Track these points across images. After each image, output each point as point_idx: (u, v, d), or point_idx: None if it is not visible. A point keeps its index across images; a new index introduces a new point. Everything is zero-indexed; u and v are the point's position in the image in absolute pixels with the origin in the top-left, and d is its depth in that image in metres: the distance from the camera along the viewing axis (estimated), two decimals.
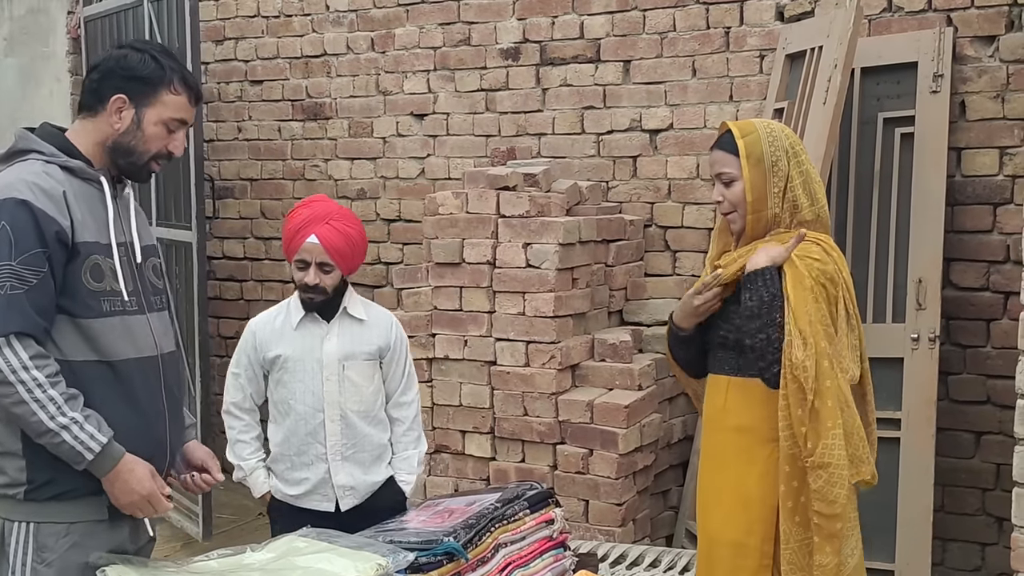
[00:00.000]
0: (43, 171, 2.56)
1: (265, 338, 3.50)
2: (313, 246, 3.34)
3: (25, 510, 2.57)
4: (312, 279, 3.36)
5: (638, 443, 4.71)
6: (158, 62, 2.67)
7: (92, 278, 2.58)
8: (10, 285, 2.45)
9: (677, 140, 5.46)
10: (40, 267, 2.48)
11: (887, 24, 4.92)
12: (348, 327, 3.49)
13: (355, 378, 3.47)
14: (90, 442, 2.50)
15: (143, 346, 2.69)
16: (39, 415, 2.46)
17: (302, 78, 6.56)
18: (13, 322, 2.45)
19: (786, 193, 3.02)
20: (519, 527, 3.30)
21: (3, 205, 2.48)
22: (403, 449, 3.61)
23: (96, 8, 6.61)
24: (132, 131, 2.65)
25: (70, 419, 2.48)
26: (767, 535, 2.96)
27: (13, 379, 2.44)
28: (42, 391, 2.46)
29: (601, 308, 5.16)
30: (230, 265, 6.92)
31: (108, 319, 2.60)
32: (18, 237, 2.47)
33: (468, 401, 4.92)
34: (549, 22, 5.74)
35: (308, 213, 3.39)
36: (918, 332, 4.56)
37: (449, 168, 6.08)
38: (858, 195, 4.82)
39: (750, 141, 3.02)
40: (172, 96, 2.68)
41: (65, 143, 2.65)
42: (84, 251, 2.57)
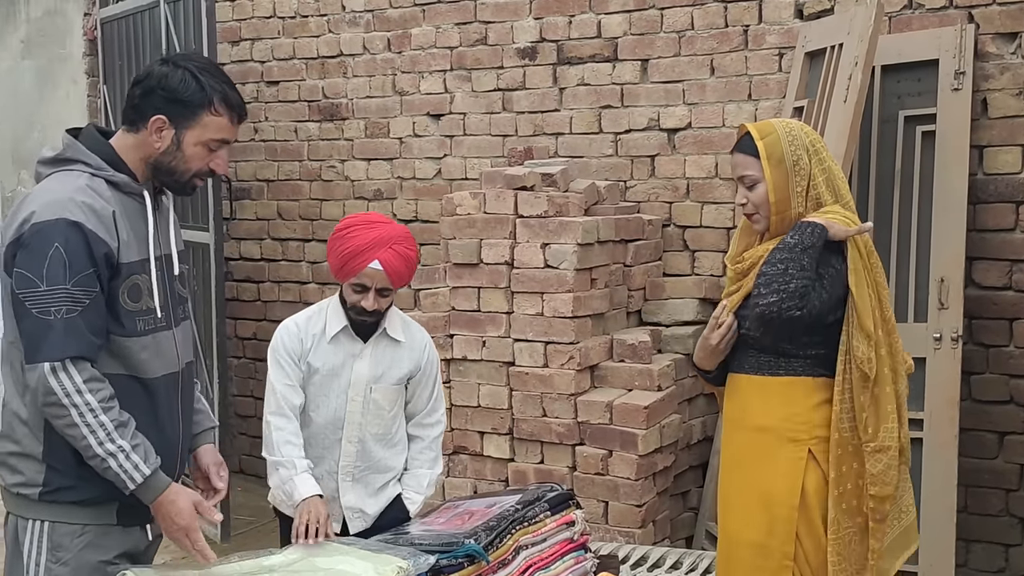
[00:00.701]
0: (91, 187, 2.57)
1: (307, 340, 3.34)
2: (376, 272, 3.19)
3: (40, 509, 2.61)
4: (371, 305, 3.22)
5: (658, 444, 4.68)
6: (199, 82, 2.62)
7: (130, 298, 2.61)
8: (66, 308, 2.48)
9: (695, 139, 5.43)
10: (92, 287, 2.51)
11: (907, 21, 4.88)
12: (383, 349, 3.37)
13: (380, 401, 3.36)
14: (134, 472, 2.53)
15: (169, 362, 2.73)
16: (89, 439, 2.49)
17: (318, 79, 6.55)
18: (70, 346, 2.47)
19: (809, 191, 3.00)
20: (540, 529, 3.29)
21: (56, 226, 2.49)
22: (417, 467, 3.49)
23: (113, 10, 6.61)
24: (172, 151, 2.65)
25: (118, 447, 2.51)
26: (788, 536, 2.94)
27: (67, 402, 2.47)
28: (94, 416, 2.49)
29: (620, 308, 5.14)
30: (247, 266, 6.92)
31: (141, 338, 2.64)
32: (72, 259, 2.48)
33: (486, 402, 4.90)
34: (566, 21, 5.72)
35: (373, 237, 3.20)
36: (940, 332, 4.52)
37: (466, 168, 6.06)
38: (879, 194, 4.78)
39: (770, 142, 3.00)
40: (213, 118, 2.64)
41: (111, 154, 2.65)
42: (125, 271, 2.60)
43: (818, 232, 2.93)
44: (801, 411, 2.98)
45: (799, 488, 2.94)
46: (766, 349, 3.02)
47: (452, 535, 3.12)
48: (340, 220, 3.43)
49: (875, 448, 2.96)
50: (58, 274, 2.47)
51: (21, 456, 2.60)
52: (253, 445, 6.70)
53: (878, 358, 2.95)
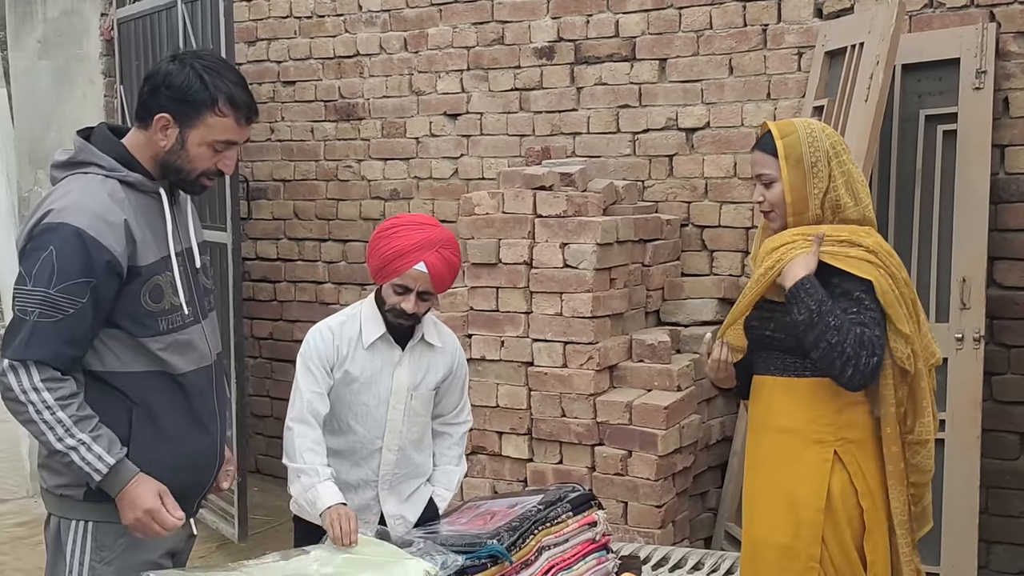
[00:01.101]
0: (105, 193, 2.55)
1: (343, 347, 3.24)
2: (420, 274, 3.09)
3: (84, 510, 2.61)
4: (411, 307, 3.13)
5: (677, 444, 4.67)
6: (203, 82, 2.59)
7: (151, 299, 2.60)
8: (40, 312, 2.46)
9: (714, 139, 5.41)
10: (79, 297, 2.47)
11: (928, 20, 4.86)
12: (420, 355, 3.30)
13: (419, 408, 3.31)
14: (97, 463, 2.51)
15: (200, 356, 2.73)
16: (48, 435, 2.49)
17: (335, 78, 6.55)
18: (31, 350, 2.46)
19: (827, 194, 2.98)
20: (562, 529, 3.29)
21: (57, 230, 2.48)
22: (446, 463, 3.45)
23: (130, 10, 6.61)
24: (176, 150, 2.62)
25: (78, 441, 2.49)
26: (814, 538, 2.92)
27: (24, 399, 2.47)
28: (50, 413, 2.48)
29: (638, 308, 5.13)
30: (263, 266, 6.92)
31: (164, 337, 2.63)
32: (62, 265, 2.46)
33: (505, 402, 4.90)
34: (584, 21, 5.71)
35: (420, 238, 3.11)
36: (962, 332, 4.50)
37: (483, 168, 6.06)
38: (900, 194, 4.76)
39: (789, 142, 2.98)
40: (217, 118, 2.61)
41: (124, 154, 2.63)
42: (146, 273, 2.58)
43: (806, 287, 2.89)
44: (827, 412, 2.96)
45: (825, 490, 2.92)
46: (792, 351, 3.01)
47: (475, 536, 3.11)
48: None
49: (913, 440, 3.01)
50: (43, 277, 2.46)
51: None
52: (269, 445, 6.71)
53: (914, 354, 2.94)
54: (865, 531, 2.96)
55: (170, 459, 2.63)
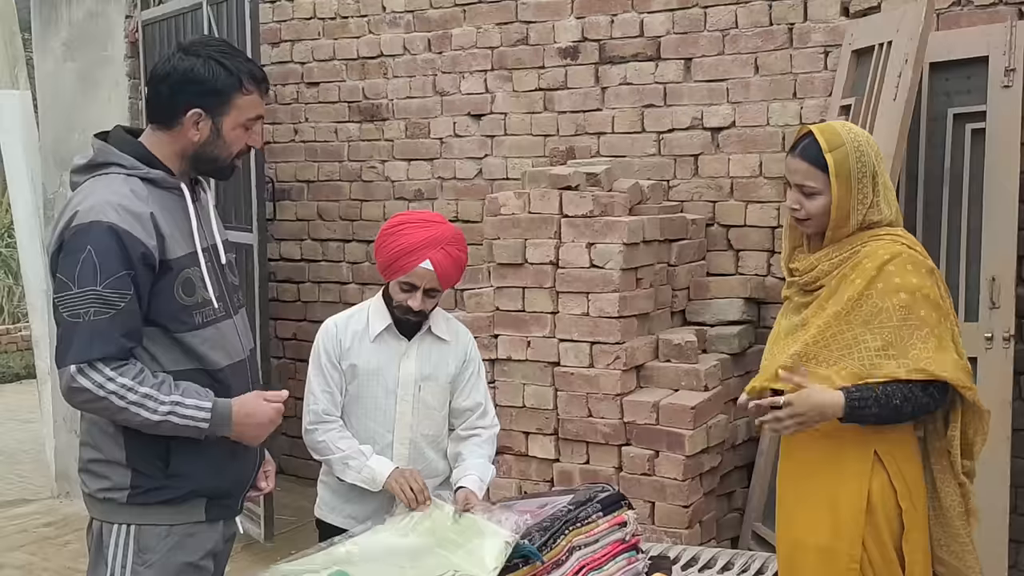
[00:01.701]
0: (128, 189, 2.56)
1: (345, 340, 3.31)
2: (426, 272, 3.14)
3: (127, 513, 2.61)
4: (418, 305, 3.18)
5: (704, 444, 4.66)
6: (225, 67, 2.63)
7: (184, 293, 2.60)
8: (95, 311, 2.47)
9: (739, 138, 5.40)
10: (126, 290, 2.49)
11: (956, 18, 4.84)
12: (428, 347, 3.33)
13: (430, 401, 3.32)
14: (198, 413, 2.54)
15: (233, 351, 2.73)
16: (142, 414, 2.50)
17: (359, 79, 6.56)
18: (96, 348, 2.47)
19: (870, 208, 2.94)
20: (592, 530, 3.28)
21: (90, 229, 2.49)
22: (477, 458, 3.36)
23: (154, 12, 6.64)
24: (212, 141, 2.65)
25: (171, 403, 2.52)
26: (855, 539, 2.90)
27: (103, 393, 2.47)
28: (133, 393, 2.49)
29: (664, 308, 5.12)
30: (287, 267, 6.94)
31: (202, 331, 2.64)
32: (102, 261, 2.47)
33: (531, 402, 4.89)
34: (608, 20, 5.70)
35: (425, 236, 3.15)
36: (992, 331, 4.48)
37: (507, 168, 6.06)
38: (928, 193, 4.74)
39: (839, 158, 2.89)
40: (245, 97, 2.66)
41: (144, 153, 2.64)
42: (176, 267, 2.59)
43: (855, 406, 2.86)
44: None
45: (866, 491, 2.90)
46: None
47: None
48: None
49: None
50: (88, 276, 2.46)
51: (105, 463, 2.61)
52: (293, 445, 6.72)
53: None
54: (904, 531, 2.94)
55: (214, 457, 2.64)
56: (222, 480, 2.68)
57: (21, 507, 6.76)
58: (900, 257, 2.89)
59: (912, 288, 2.85)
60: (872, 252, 2.91)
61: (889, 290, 2.86)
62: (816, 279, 2.98)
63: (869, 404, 2.83)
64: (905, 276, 2.87)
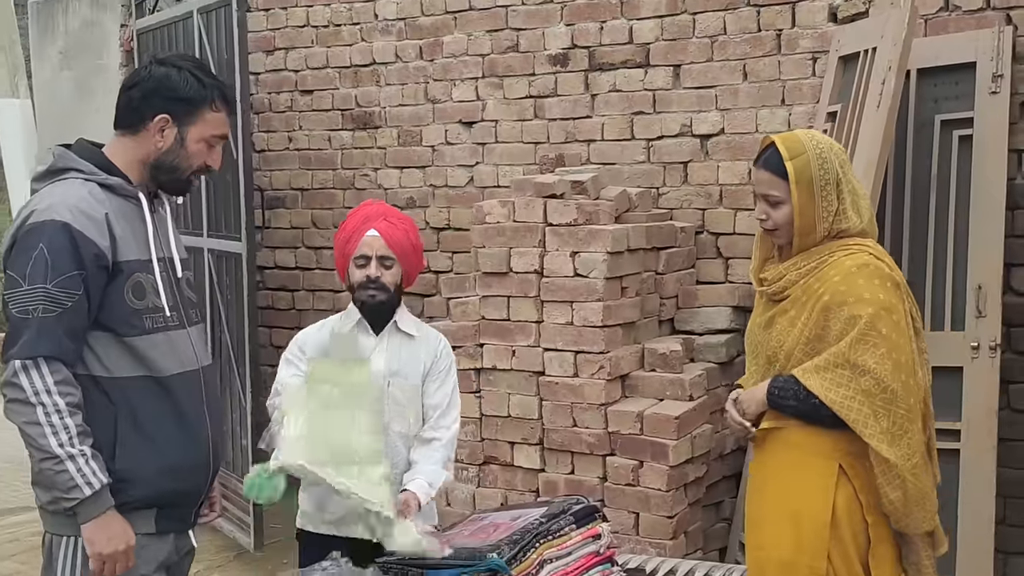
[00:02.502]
0: (85, 192, 2.59)
1: (317, 333, 3.42)
2: (373, 239, 3.27)
3: (75, 525, 2.59)
4: (374, 271, 3.27)
5: (689, 455, 4.63)
6: (200, 81, 2.70)
7: (134, 296, 2.62)
8: (43, 308, 2.49)
9: (728, 145, 5.37)
10: (75, 290, 2.51)
11: (944, 23, 4.80)
12: (397, 343, 3.38)
13: (399, 396, 3.34)
14: (91, 478, 2.52)
15: (186, 360, 2.74)
16: (50, 439, 2.48)
17: (351, 87, 6.55)
18: (42, 346, 2.49)
19: (836, 216, 2.92)
20: (565, 543, 3.25)
21: (43, 227, 2.52)
22: (432, 464, 3.32)
23: (148, 21, 6.66)
24: (175, 149, 2.69)
25: (79, 451, 2.50)
26: (818, 553, 2.87)
27: (34, 400, 2.48)
28: (59, 417, 2.49)
29: (652, 317, 5.08)
30: (282, 275, 6.94)
31: (152, 336, 2.65)
32: (55, 260, 2.50)
33: (516, 412, 4.87)
34: (598, 27, 5.68)
35: (366, 211, 3.35)
36: (978, 340, 4.43)
37: (498, 176, 6.04)
38: (915, 200, 4.70)
39: (799, 165, 2.89)
40: (213, 114, 2.72)
41: (103, 160, 2.68)
42: (127, 269, 2.61)
43: (775, 395, 2.96)
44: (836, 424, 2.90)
45: (830, 504, 2.87)
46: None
47: (474, 549, 3.09)
48: None
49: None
50: (39, 274, 2.49)
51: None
52: None
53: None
54: (870, 545, 2.91)
55: (157, 465, 2.63)
56: (165, 488, 2.66)
57: (19, 515, 6.77)
58: (867, 268, 2.87)
59: (878, 303, 2.83)
60: (838, 263, 2.89)
61: (852, 302, 2.84)
62: (784, 288, 2.97)
63: (788, 397, 2.92)
64: (873, 290, 2.84)
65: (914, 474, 2.83)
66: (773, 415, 3.00)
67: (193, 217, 6.17)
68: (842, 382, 2.82)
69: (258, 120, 6.88)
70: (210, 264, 5.99)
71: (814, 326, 2.89)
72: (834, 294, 2.86)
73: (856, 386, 2.80)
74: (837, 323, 2.85)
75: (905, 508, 2.85)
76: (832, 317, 2.86)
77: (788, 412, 2.93)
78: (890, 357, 2.80)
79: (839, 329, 2.84)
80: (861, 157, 4.37)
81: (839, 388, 2.82)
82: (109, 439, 2.59)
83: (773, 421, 3.00)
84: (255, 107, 6.83)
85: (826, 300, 2.87)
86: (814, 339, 2.90)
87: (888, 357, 2.80)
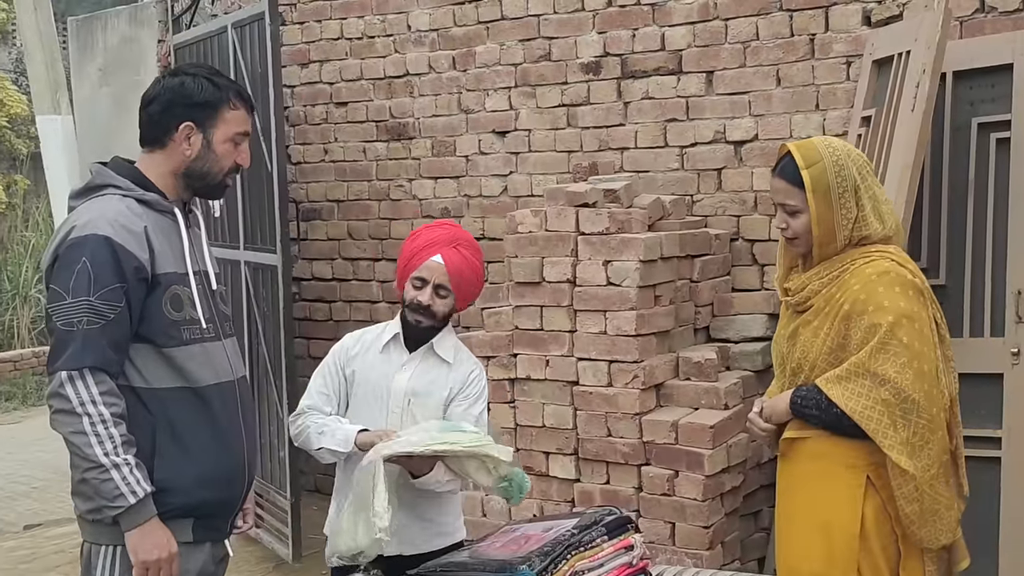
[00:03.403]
0: (123, 207, 2.64)
1: (352, 348, 3.40)
2: (436, 265, 3.21)
3: (113, 533, 2.63)
4: (427, 299, 3.22)
5: (725, 464, 4.59)
6: (213, 83, 2.75)
7: (172, 308, 2.67)
8: (87, 320, 2.54)
9: (763, 151, 5.32)
10: (118, 302, 2.56)
11: (979, 25, 4.73)
12: (428, 364, 3.33)
13: (418, 417, 3.29)
14: (136, 487, 2.56)
15: (221, 372, 2.78)
16: (95, 448, 2.53)
17: (386, 99, 6.57)
18: (87, 357, 2.53)
19: (856, 223, 2.89)
20: (597, 554, 3.22)
21: (85, 241, 2.57)
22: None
23: (184, 36, 6.73)
24: (204, 155, 2.74)
25: (123, 460, 2.54)
26: (848, 566, 2.83)
27: (80, 411, 2.52)
28: (104, 427, 2.53)
29: (687, 325, 5.05)
30: (319, 286, 6.97)
31: (189, 347, 2.69)
32: (97, 273, 2.55)
33: (551, 422, 4.85)
34: (630, 35, 5.66)
35: (438, 233, 3.28)
36: (1018, 346, 4.36)
37: (532, 185, 6.03)
38: (952, 204, 4.63)
39: (815, 173, 2.87)
40: (232, 112, 2.77)
41: (139, 176, 2.73)
42: (165, 282, 2.66)
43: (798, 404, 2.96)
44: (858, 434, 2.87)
45: (859, 516, 2.84)
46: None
47: (505, 561, 3.08)
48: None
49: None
50: (82, 287, 2.54)
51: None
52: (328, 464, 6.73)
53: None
54: (901, 557, 2.87)
55: (194, 475, 2.67)
56: (203, 498, 2.70)
57: (64, 527, 6.85)
58: (888, 276, 2.83)
59: (898, 311, 2.79)
60: (859, 271, 2.86)
61: (872, 311, 2.80)
62: (807, 298, 2.94)
63: (810, 406, 2.91)
64: (893, 298, 2.81)
65: (931, 486, 2.79)
66: (797, 424, 2.97)
67: (230, 230, 6.22)
68: (862, 392, 2.78)
69: (294, 133, 6.92)
70: (247, 276, 6.02)
71: (836, 336, 2.86)
72: (854, 303, 2.83)
73: (876, 396, 2.77)
74: (858, 332, 2.81)
75: (920, 520, 2.81)
76: (853, 326, 2.83)
77: (812, 422, 2.90)
78: (911, 366, 2.77)
79: (860, 338, 2.81)
80: (896, 161, 4.32)
81: (859, 398, 2.78)
82: (148, 449, 2.63)
83: (797, 431, 2.97)
84: (291, 120, 6.88)
85: (847, 309, 2.85)
86: (836, 348, 2.86)
87: (909, 366, 2.76)
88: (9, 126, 15.84)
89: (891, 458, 2.78)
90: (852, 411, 2.79)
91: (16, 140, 16.01)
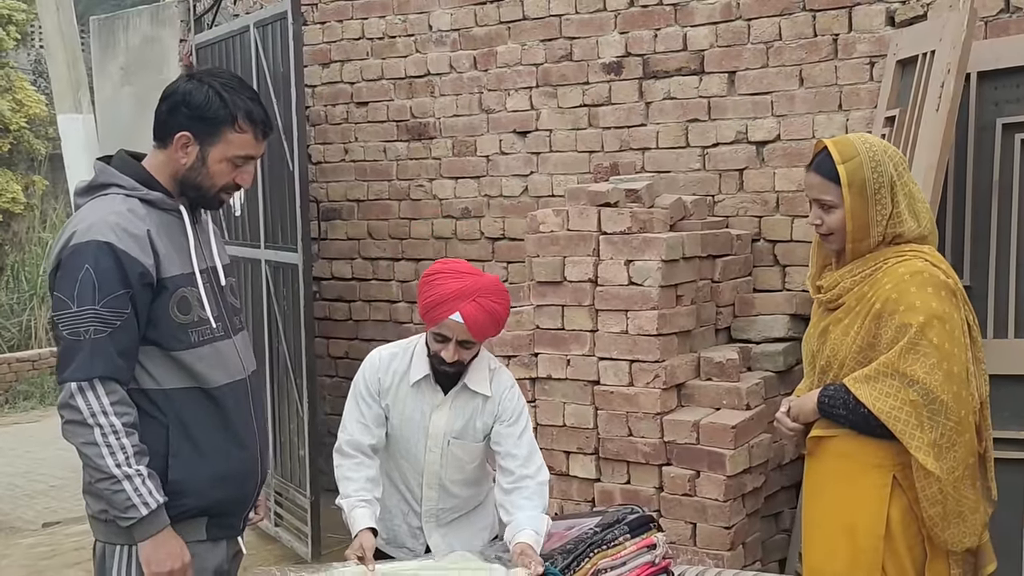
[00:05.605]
0: (126, 209, 2.59)
1: (384, 378, 3.24)
2: (456, 324, 3.04)
3: (126, 533, 2.61)
4: (451, 356, 3.09)
5: (747, 464, 4.57)
6: (223, 99, 2.63)
7: (179, 311, 2.64)
8: (94, 329, 2.51)
9: (785, 152, 5.31)
10: (123, 309, 2.53)
11: (1005, 26, 4.71)
12: (464, 402, 3.24)
13: (459, 454, 3.25)
14: (148, 498, 2.54)
15: (233, 370, 2.76)
16: (107, 459, 2.51)
17: (406, 98, 6.58)
18: (96, 367, 2.51)
19: (890, 220, 2.88)
20: (619, 552, 3.24)
21: (87, 248, 2.53)
22: (531, 510, 3.15)
23: (206, 36, 6.75)
24: (197, 167, 2.66)
25: (135, 471, 2.53)
26: (873, 567, 2.82)
27: (92, 422, 2.51)
28: (116, 437, 2.52)
29: (708, 325, 5.04)
30: (339, 286, 6.98)
31: (198, 349, 2.67)
32: (101, 280, 2.51)
33: (572, 421, 4.84)
34: (651, 35, 5.65)
35: (457, 288, 3.06)
36: None
37: (552, 185, 6.03)
38: (976, 204, 4.60)
39: (852, 168, 2.86)
40: (236, 135, 2.66)
41: (143, 174, 2.67)
42: (171, 286, 2.62)
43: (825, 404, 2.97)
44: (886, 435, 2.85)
45: (884, 517, 2.82)
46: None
47: None
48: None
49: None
50: (87, 295, 2.50)
51: None
52: None
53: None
54: (927, 559, 2.85)
55: (208, 475, 2.67)
56: (217, 497, 2.69)
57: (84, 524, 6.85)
58: (920, 276, 2.82)
59: (929, 312, 2.78)
60: (891, 269, 2.85)
61: (903, 311, 2.79)
62: (839, 296, 2.93)
63: (838, 406, 2.91)
64: (925, 298, 2.79)
65: (956, 488, 2.77)
66: (824, 423, 2.96)
67: (251, 229, 6.23)
68: (891, 392, 2.77)
69: (314, 132, 6.93)
70: (267, 275, 6.04)
71: (866, 334, 2.85)
72: (886, 302, 2.82)
73: (904, 396, 2.75)
74: (888, 331, 2.80)
75: (944, 522, 2.79)
76: (883, 325, 2.82)
77: (839, 421, 2.89)
78: (941, 367, 2.75)
79: (890, 338, 2.80)
80: (920, 162, 4.30)
81: (887, 398, 2.77)
82: (161, 450, 2.61)
83: (824, 430, 2.96)
84: (311, 119, 6.89)
85: (878, 308, 2.83)
86: (866, 347, 2.85)
87: (939, 367, 2.75)
88: (28, 127, 15.91)
89: (916, 459, 2.76)
90: (879, 411, 2.78)
91: (35, 141, 16.07)
